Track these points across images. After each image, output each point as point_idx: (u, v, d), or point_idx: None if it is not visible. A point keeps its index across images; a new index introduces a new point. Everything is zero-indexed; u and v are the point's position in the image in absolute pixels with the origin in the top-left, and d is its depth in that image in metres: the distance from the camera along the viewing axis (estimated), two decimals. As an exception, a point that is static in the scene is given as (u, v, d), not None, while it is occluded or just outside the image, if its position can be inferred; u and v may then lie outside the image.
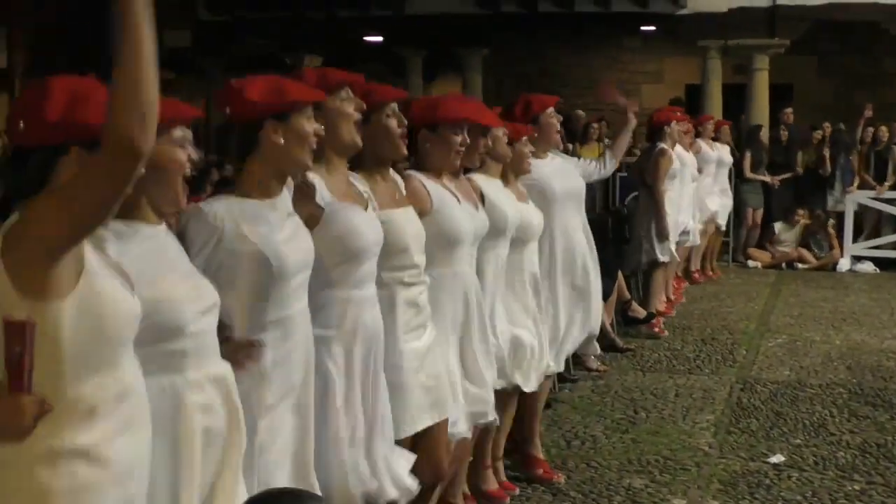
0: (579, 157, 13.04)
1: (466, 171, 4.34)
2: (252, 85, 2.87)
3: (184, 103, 2.70)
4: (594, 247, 5.63)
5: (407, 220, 3.52)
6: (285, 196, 2.96)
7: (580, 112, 15.22)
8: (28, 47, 23.99)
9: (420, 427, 3.52)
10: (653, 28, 15.31)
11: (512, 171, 4.75)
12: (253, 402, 2.75)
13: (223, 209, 2.77)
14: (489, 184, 4.42)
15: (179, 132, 2.51)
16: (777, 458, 5.66)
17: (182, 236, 2.68)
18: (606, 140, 14.35)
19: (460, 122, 3.89)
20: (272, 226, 2.82)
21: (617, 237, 10.34)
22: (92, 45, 21.40)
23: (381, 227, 3.29)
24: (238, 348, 2.71)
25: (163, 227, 2.53)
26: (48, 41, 22.71)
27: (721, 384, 7.26)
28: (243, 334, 2.77)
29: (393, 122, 3.51)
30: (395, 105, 3.57)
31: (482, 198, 4.33)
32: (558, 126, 5.34)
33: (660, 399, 6.89)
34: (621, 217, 10.74)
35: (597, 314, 5.69)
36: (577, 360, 7.54)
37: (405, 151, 3.64)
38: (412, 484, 3.36)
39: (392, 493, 3.24)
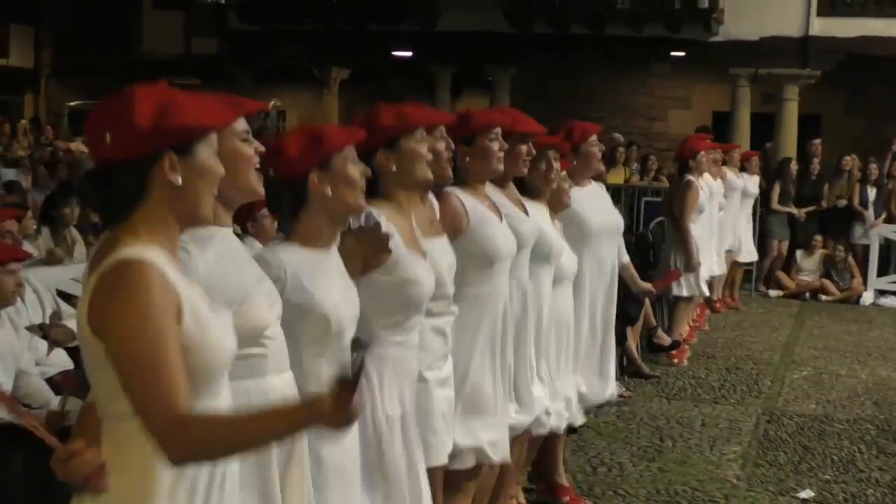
0: (604, 182, 13.14)
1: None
2: (289, 141, 2.85)
3: (242, 97, 2.67)
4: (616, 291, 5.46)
5: (442, 251, 3.48)
6: (334, 249, 2.93)
7: (618, 136, 15.23)
8: (54, 47, 24.22)
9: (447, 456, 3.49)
10: (682, 54, 15.29)
11: (551, 208, 4.70)
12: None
13: (286, 258, 2.75)
14: (535, 209, 4.39)
15: (242, 124, 2.47)
16: (806, 494, 5.61)
17: None
18: (634, 165, 14.36)
19: (493, 128, 3.87)
20: (329, 279, 2.81)
21: (643, 262, 10.30)
22: (116, 45, 21.50)
23: (434, 278, 3.26)
24: None
25: (230, 229, 2.52)
26: (73, 41, 22.93)
27: (747, 415, 7.20)
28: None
29: (441, 146, 3.48)
30: (443, 128, 3.54)
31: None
32: (599, 155, 5.28)
33: (686, 428, 6.84)
34: (646, 242, 10.70)
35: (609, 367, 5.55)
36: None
37: (451, 173, 3.61)
38: None
39: None
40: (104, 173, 2.09)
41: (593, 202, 5.26)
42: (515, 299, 4.06)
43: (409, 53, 16.12)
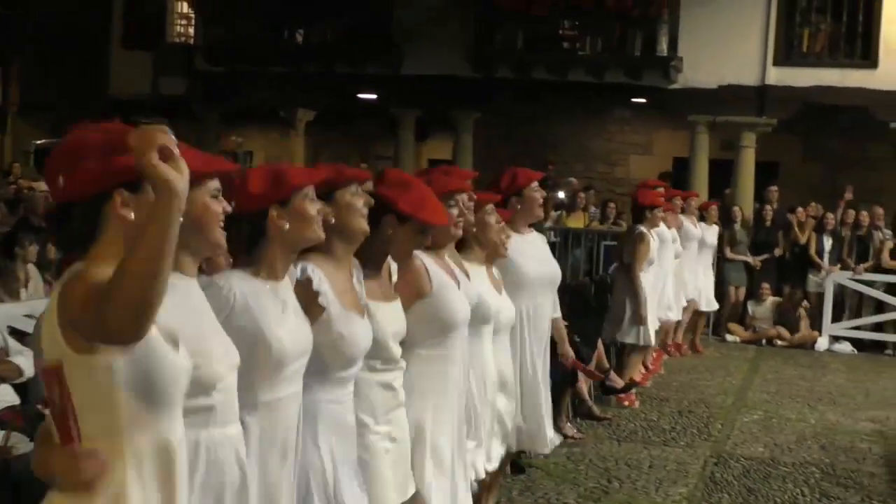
0: (564, 226, 13.29)
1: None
2: (252, 178, 2.96)
3: (217, 157, 2.76)
4: (549, 342, 5.46)
5: (390, 317, 3.54)
6: (286, 281, 3.02)
7: (573, 180, 15.47)
8: (22, 85, 24.24)
9: None
10: (643, 100, 15.53)
11: (487, 258, 4.75)
12: None
13: (236, 283, 2.84)
14: (475, 272, 4.42)
15: (214, 184, 2.56)
16: (747, 535, 5.69)
17: None
18: (592, 209, 14.54)
19: (456, 194, 3.98)
20: (276, 310, 2.90)
21: (600, 305, 10.42)
22: (84, 84, 21.58)
23: (371, 333, 3.33)
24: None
25: (195, 280, 2.59)
26: (41, 79, 22.97)
27: (695, 457, 7.29)
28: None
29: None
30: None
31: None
32: (541, 200, 5.36)
33: (633, 469, 6.92)
34: (605, 286, 10.82)
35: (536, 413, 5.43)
36: (553, 426, 7.57)
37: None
38: None
39: None
40: (63, 212, 2.21)
41: (532, 251, 5.33)
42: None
43: (374, 96, 16.28)
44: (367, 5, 14.80)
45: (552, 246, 12.85)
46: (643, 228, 8.93)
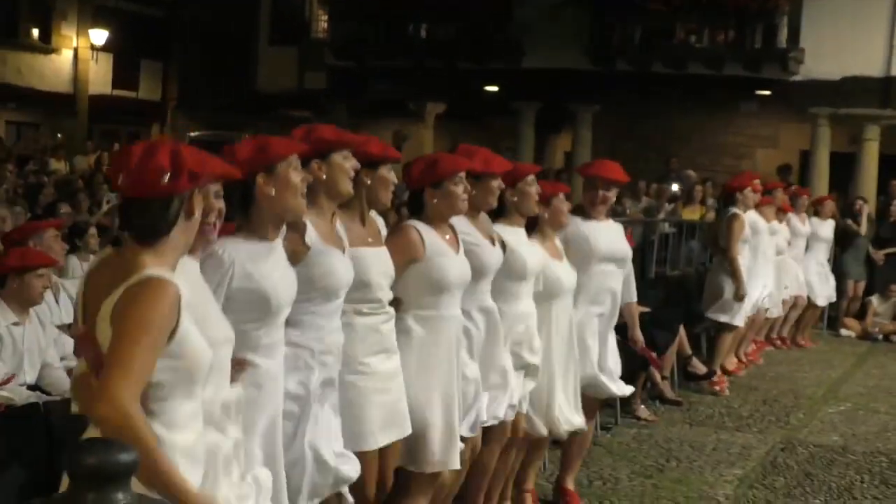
0: (680, 218, 13.33)
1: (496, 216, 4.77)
2: (241, 147, 3.32)
3: (217, 160, 2.96)
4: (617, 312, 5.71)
5: (375, 259, 3.92)
6: (279, 241, 3.39)
7: (691, 173, 15.47)
8: (179, 81, 25.62)
9: (380, 444, 3.90)
10: (768, 93, 15.36)
11: (548, 226, 5.08)
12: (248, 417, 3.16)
13: (232, 249, 3.21)
14: (509, 232, 4.74)
15: (215, 186, 2.88)
16: (786, 514, 5.79)
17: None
18: (710, 200, 14.50)
19: (458, 172, 4.30)
20: (270, 266, 3.28)
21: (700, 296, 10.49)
22: (235, 79, 22.50)
23: (352, 269, 3.71)
24: (232, 364, 3.16)
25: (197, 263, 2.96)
26: (197, 76, 24.22)
27: (763, 443, 7.36)
28: (238, 354, 3.18)
29: (392, 176, 4.01)
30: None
31: (504, 245, 4.72)
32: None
33: (696, 451, 7.05)
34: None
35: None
36: (625, 408, 7.77)
37: (388, 201, 4.08)
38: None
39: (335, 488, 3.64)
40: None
41: (602, 230, 5.59)
42: (479, 321, 4.46)
43: (496, 89, 16.62)
44: (487, 1, 15.16)
45: (666, 237, 13.14)
46: (736, 210, 9.03)
